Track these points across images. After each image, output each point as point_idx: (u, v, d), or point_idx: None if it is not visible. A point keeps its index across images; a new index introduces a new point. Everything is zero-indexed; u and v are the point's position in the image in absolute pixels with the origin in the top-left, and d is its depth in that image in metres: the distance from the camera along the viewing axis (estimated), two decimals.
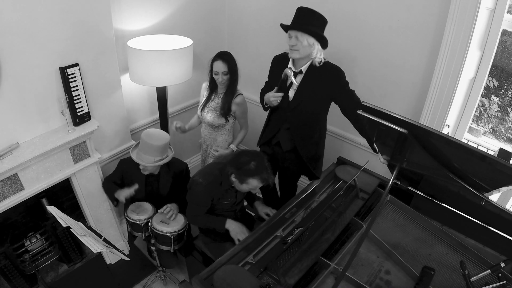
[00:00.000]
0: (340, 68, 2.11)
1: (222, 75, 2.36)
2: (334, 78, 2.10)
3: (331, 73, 2.09)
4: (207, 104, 2.53)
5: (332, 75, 2.09)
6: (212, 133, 2.61)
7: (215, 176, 2.07)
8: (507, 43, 2.17)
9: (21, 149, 2.02)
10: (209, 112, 2.52)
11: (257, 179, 1.94)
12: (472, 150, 1.28)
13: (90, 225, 2.28)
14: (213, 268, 1.59)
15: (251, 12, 3.00)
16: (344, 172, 2.17)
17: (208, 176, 2.07)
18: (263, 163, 1.95)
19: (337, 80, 2.10)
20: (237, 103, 2.45)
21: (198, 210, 2.15)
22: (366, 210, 1.94)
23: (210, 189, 2.06)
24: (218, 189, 2.09)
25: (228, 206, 2.22)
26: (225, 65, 2.33)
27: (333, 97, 2.15)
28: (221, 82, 2.40)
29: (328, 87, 2.10)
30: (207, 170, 2.14)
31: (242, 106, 2.48)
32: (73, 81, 2.11)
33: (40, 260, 2.51)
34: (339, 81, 2.10)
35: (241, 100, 2.46)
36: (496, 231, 1.56)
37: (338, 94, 2.12)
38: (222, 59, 2.33)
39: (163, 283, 2.63)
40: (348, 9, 2.42)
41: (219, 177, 2.07)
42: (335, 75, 2.10)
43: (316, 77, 2.08)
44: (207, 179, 2.06)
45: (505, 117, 2.36)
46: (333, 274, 1.58)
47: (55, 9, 1.91)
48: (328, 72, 2.09)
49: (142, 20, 2.58)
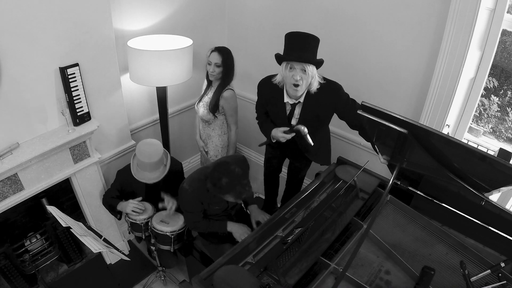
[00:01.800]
0: (337, 84, 2.03)
1: (215, 66, 2.35)
2: (334, 97, 2.02)
3: (330, 93, 2.00)
4: (202, 98, 2.53)
5: (331, 95, 2.01)
6: (206, 128, 2.62)
7: (201, 182, 2.02)
8: (507, 43, 2.17)
9: (21, 149, 2.02)
10: (201, 107, 2.53)
11: (230, 196, 1.90)
12: (472, 150, 1.28)
13: (90, 225, 2.28)
14: (213, 268, 1.59)
15: (251, 12, 3.00)
16: (344, 172, 2.17)
17: (194, 183, 2.04)
18: (235, 178, 1.83)
19: (337, 98, 2.03)
20: (225, 98, 2.41)
21: (194, 217, 2.14)
22: (366, 210, 1.94)
23: (196, 195, 2.04)
24: (205, 194, 2.04)
25: (220, 211, 2.20)
26: (219, 57, 2.33)
27: (337, 113, 2.12)
28: (211, 74, 2.38)
29: (329, 106, 2.05)
30: (194, 176, 2.09)
31: (230, 101, 2.44)
32: (73, 81, 2.11)
33: (40, 260, 2.51)
34: (339, 99, 2.03)
35: (229, 94, 2.42)
36: (496, 231, 1.56)
37: (342, 110, 2.07)
38: (218, 51, 2.34)
39: (163, 283, 2.63)
40: (348, 9, 2.42)
41: (204, 182, 1.99)
42: (335, 94, 2.02)
43: (315, 101, 2.00)
44: (193, 185, 2.04)
45: (505, 117, 2.36)
46: (333, 274, 1.58)
47: (55, 9, 1.91)
48: (326, 93, 1.99)
49: (142, 20, 2.58)
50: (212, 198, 2.07)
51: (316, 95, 1.99)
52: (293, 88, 1.92)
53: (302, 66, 1.84)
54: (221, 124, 2.58)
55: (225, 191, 1.87)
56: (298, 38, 1.84)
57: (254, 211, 2.30)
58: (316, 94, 1.98)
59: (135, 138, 2.83)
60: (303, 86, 1.90)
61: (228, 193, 1.88)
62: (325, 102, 2.01)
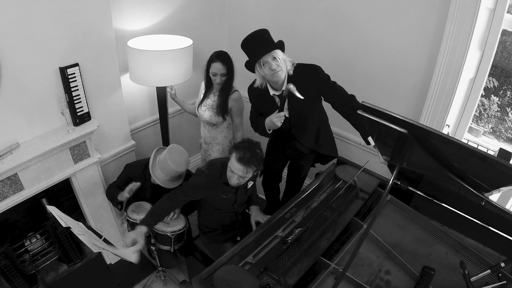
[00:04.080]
0: (314, 65, 2.11)
1: (221, 77, 2.36)
2: (314, 76, 2.10)
3: (309, 73, 2.09)
4: (204, 101, 2.53)
5: (310, 75, 2.09)
6: (212, 131, 2.61)
7: (217, 169, 2.10)
8: (507, 43, 2.17)
9: (21, 149, 2.02)
10: (206, 111, 2.53)
11: (234, 157, 1.93)
12: (472, 150, 1.28)
13: (90, 225, 2.27)
14: (213, 268, 1.59)
15: (251, 12, 3.00)
16: (344, 172, 2.17)
17: (211, 168, 2.12)
18: (247, 146, 1.94)
19: (317, 77, 2.10)
20: (234, 99, 2.45)
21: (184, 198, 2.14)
22: (366, 210, 1.94)
23: (210, 179, 2.09)
24: (217, 181, 2.09)
25: (227, 204, 2.20)
26: (224, 67, 2.33)
27: (320, 93, 2.17)
28: (219, 83, 2.40)
29: (312, 89, 2.10)
30: (212, 162, 2.17)
31: (239, 102, 2.48)
32: (73, 81, 2.11)
33: (40, 260, 2.51)
34: (319, 77, 2.10)
35: (238, 96, 2.46)
36: (496, 231, 1.56)
37: (324, 89, 2.13)
38: (221, 61, 2.33)
39: (163, 283, 2.63)
40: (348, 10, 2.42)
41: (220, 169, 2.09)
42: (314, 73, 2.10)
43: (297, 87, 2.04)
44: (210, 170, 2.11)
45: (505, 117, 2.36)
46: (333, 274, 1.58)
47: (55, 9, 1.91)
48: (305, 76, 2.08)
49: (142, 20, 2.58)
50: (222, 185, 2.10)
51: (297, 80, 2.05)
52: (274, 76, 2.00)
53: (271, 56, 1.95)
54: (227, 126, 2.61)
55: (233, 150, 1.95)
56: (252, 39, 1.98)
57: (254, 211, 2.30)
58: (296, 79, 2.05)
59: (135, 138, 2.83)
60: (283, 69, 2.00)
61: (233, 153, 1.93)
62: (306, 85, 2.06)
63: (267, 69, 1.97)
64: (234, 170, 1.95)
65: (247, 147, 1.93)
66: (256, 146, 1.98)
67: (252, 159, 1.91)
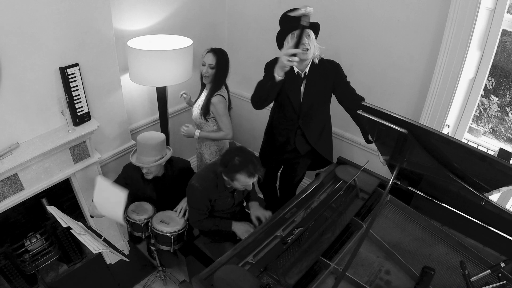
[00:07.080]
0: (336, 62, 2.15)
1: (208, 68, 2.33)
2: (335, 72, 2.13)
3: (330, 69, 2.13)
4: (197, 99, 2.53)
5: (332, 70, 2.13)
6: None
7: (210, 180, 2.10)
8: (507, 43, 2.17)
9: (21, 149, 2.02)
10: (195, 109, 2.51)
11: (243, 174, 1.93)
12: (472, 150, 1.28)
13: (90, 225, 2.28)
14: (213, 268, 1.59)
15: (251, 12, 3.00)
16: (344, 172, 2.17)
17: (203, 181, 2.10)
18: (248, 157, 1.94)
19: (337, 73, 2.14)
20: (213, 103, 2.36)
21: (200, 215, 2.17)
22: (366, 210, 1.94)
23: (206, 192, 2.09)
24: (214, 191, 2.11)
25: (227, 207, 2.22)
26: (213, 58, 2.31)
27: (334, 87, 2.18)
28: (204, 74, 2.36)
29: (330, 82, 2.14)
30: (203, 174, 2.16)
31: (217, 107, 2.37)
32: (73, 81, 2.11)
33: (40, 260, 2.51)
34: (338, 74, 2.14)
35: (217, 100, 2.35)
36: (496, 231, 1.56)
37: (339, 85, 2.15)
38: (213, 52, 2.32)
39: (163, 283, 2.63)
40: (348, 10, 2.42)
41: (214, 180, 2.10)
42: (335, 69, 2.14)
43: (318, 76, 2.10)
44: (203, 184, 2.09)
45: (505, 117, 2.36)
46: (333, 274, 1.58)
47: (55, 9, 1.91)
48: (328, 68, 2.12)
49: (142, 20, 2.58)
50: (220, 193, 2.12)
51: (318, 69, 2.09)
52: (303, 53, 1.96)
53: (306, 32, 1.89)
54: (212, 129, 2.51)
55: (238, 168, 1.92)
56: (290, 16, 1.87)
57: (254, 206, 2.31)
58: (319, 68, 2.09)
59: (135, 138, 2.82)
60: (311, 49, 1.99)
61: (240, 172, 1.92)
62: (326, 76, 2.11)
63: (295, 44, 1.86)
64: (246, 184, 1.99)
65: (248, 159, 1.93)
66: (248, 152, 1.99)
67: (257, 167, 1.95)
